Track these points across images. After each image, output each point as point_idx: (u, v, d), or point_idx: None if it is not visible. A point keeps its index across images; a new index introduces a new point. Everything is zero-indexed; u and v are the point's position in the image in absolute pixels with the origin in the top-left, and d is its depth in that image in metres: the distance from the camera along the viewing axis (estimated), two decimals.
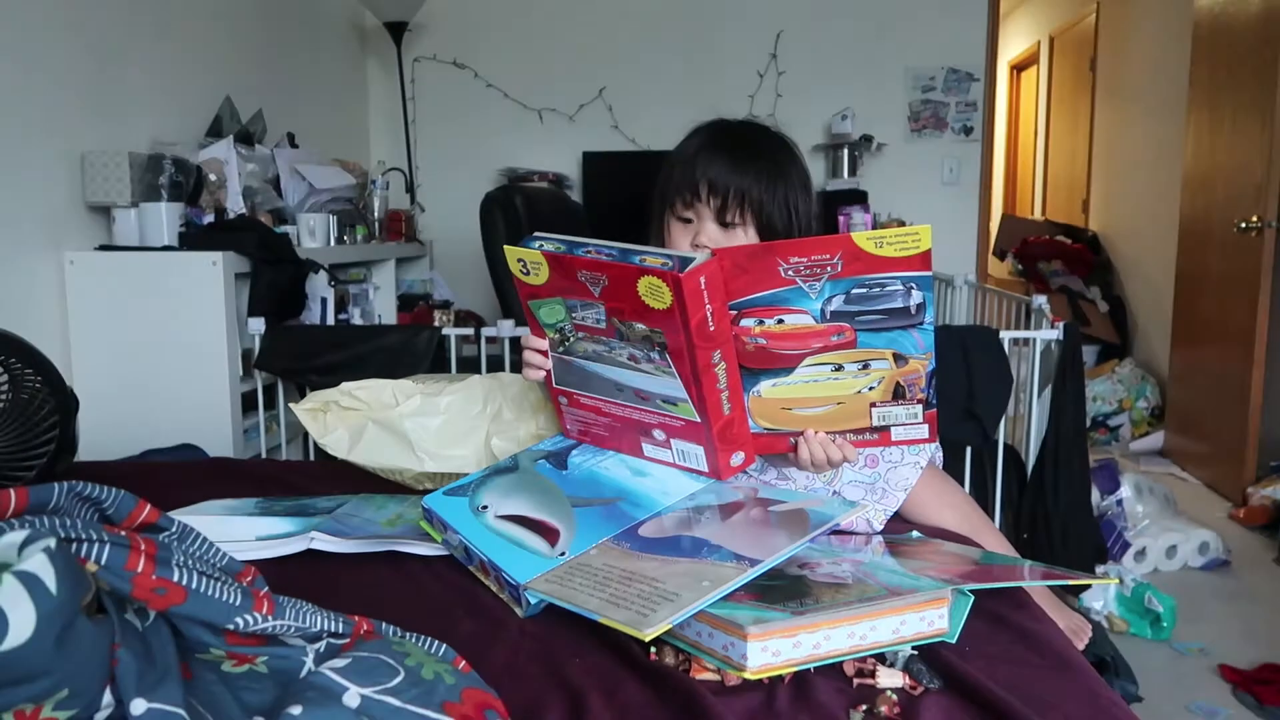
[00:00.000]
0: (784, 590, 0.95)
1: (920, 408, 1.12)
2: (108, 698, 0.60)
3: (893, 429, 1.15)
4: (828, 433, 1.16)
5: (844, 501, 1.11)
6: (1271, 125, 3.06)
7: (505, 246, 1.16)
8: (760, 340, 1.10)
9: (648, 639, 0.84)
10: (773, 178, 1.25)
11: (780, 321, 1.09)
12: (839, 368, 1.11)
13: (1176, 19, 3.99)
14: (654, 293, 1.04)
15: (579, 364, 1.20)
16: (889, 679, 0.88)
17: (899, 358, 1.09)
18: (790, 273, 1.06)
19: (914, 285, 1.05)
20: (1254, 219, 3.13)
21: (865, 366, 1.11)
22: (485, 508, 1.15)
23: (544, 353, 1.23)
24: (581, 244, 1.12)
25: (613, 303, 1.09)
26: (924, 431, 1.14)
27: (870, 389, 1.12)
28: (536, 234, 1.17)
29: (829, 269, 1.05)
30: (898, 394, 1.12)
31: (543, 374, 1.24)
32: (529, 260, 1.14)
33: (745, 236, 1.26)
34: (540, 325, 1.21)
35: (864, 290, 1.06)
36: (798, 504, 1.08)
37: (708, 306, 1.05)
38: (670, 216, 1.30)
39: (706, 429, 1.13)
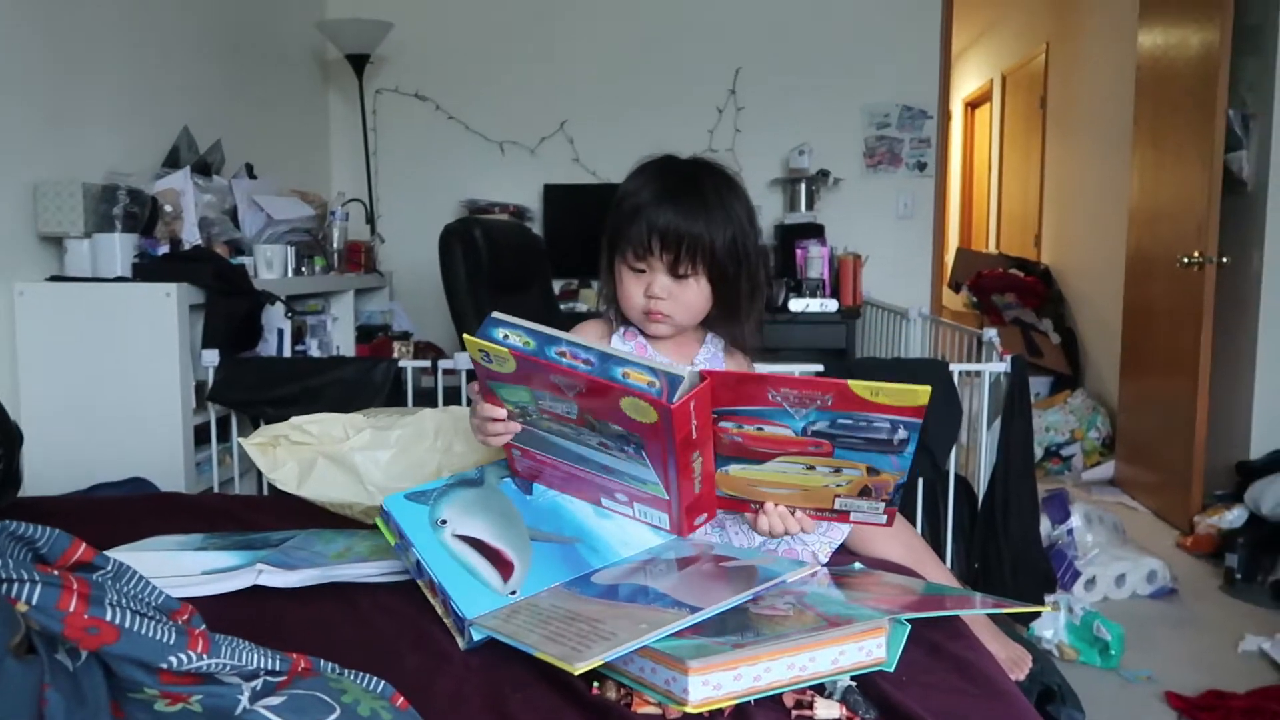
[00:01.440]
0: (725, 623, 0.96)
1: (883, 504, 1.13)
2: None
3: (852, 513, 1.15)
4: (787, 506, 1.16)
5: (794, 562, 1.12)
6: (1211, 163, 3.16)
7: (465, 336, 1.08)
8: (737, 439, 1.09)
9: (578, 672, 0.84)
10: (723, 224, 1.25)
11: (760, 430, 1.07)
12: (811, 467, 1.10)
13: (1121, 59, 4.13)
14: (639, 410, 1.01)
15: (540, 434, 1.14)
16: (826, 710, 0.90)
17: (872, 470, 1.09)
18: (778, 398, 1.04)
19: (901, 426, 1.03)
20: (1196, 254, 3.22)
21: (837, 471, 1.10)
22: (444, 522, 1.13)
23: (501, 420, 1.16)
24: (552, 339, 1.05)
25: (588, 404, 1.04)
26: (882, 520, 1.15)
27: (839, 486, 1.12)
28: (498, 318, 1.09)
29: (818, 402, 1.03)
30: (863, 493, 1.12)
31: (504, 440, 1.17)
32: (493, 353, 1.06)
33: (697, 285, 1.27)
34: (499, 399, 1.14)
35: (850, 421, 1.04)
36: (749, 561, 1.09)
37: (693, 423, 1.03)
38: (622, 265, 1.29)
39: (674, 503, 1.13)
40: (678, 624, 0.92)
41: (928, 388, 1.01)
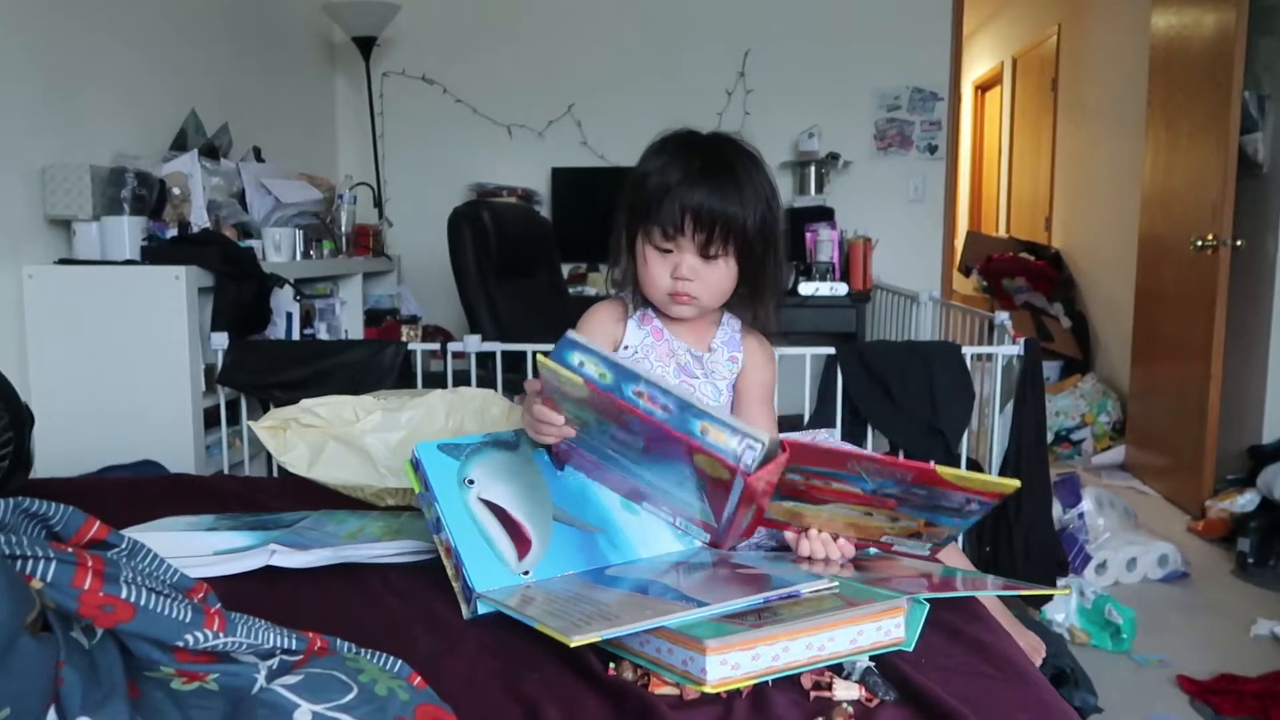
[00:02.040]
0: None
1: (930, 545, 1.11)
2: (52, 716, 0.59)
3: (895, 546, 1.14)
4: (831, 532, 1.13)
5: (809, 574, 1.10)
6: (1226, 144, 3.13)
7: (540, 358, 1.02)
8: (800, 487, 1.05)
9: (572, 645, 0.83)
10: (754, 203, 1.22)
11: (828, 484, 1.04)
12: (869, 513, 1.07)
13: (1134, 40, 4.08)
14: (712, 467, 0.98)
15: (595, 445, 1.10)
16: (845, 691, 0.89)
17: (930, 524, 1.07)
18: (857, 469, 0.99)
19: (975, 501, 1.00)
20: (1210, 237, 3.19)
21: (895, 520, 1.07)
22: (472, 482, 1.11)
23: (557, 425, 1.10)
24: (630, 375, 1.00)
25: (657, 447, 1.01)
26: (926, 554, 1.14)
27: (891, 527, 1.10)
28: (575, 340, 1.03)
29: (897, 478, 0.99)
30: (913, 535, 1.10)
31: (554, 441, 1.12)
32: (565, 380, 1.01)
33: (726, 266, 1.24)
34: (558, 406, 1.08)
35: (924, 493, 1.01)
36: (766, 570, 1.07)
37: (763, 485, 1.00)
38: (646, 244, 1.25)
39: (720, 530, 1.11)
40: (683, 615, 0.90)
41: (1017, 482, 0.98)
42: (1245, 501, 3.03)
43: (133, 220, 2.34)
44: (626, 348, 1.33)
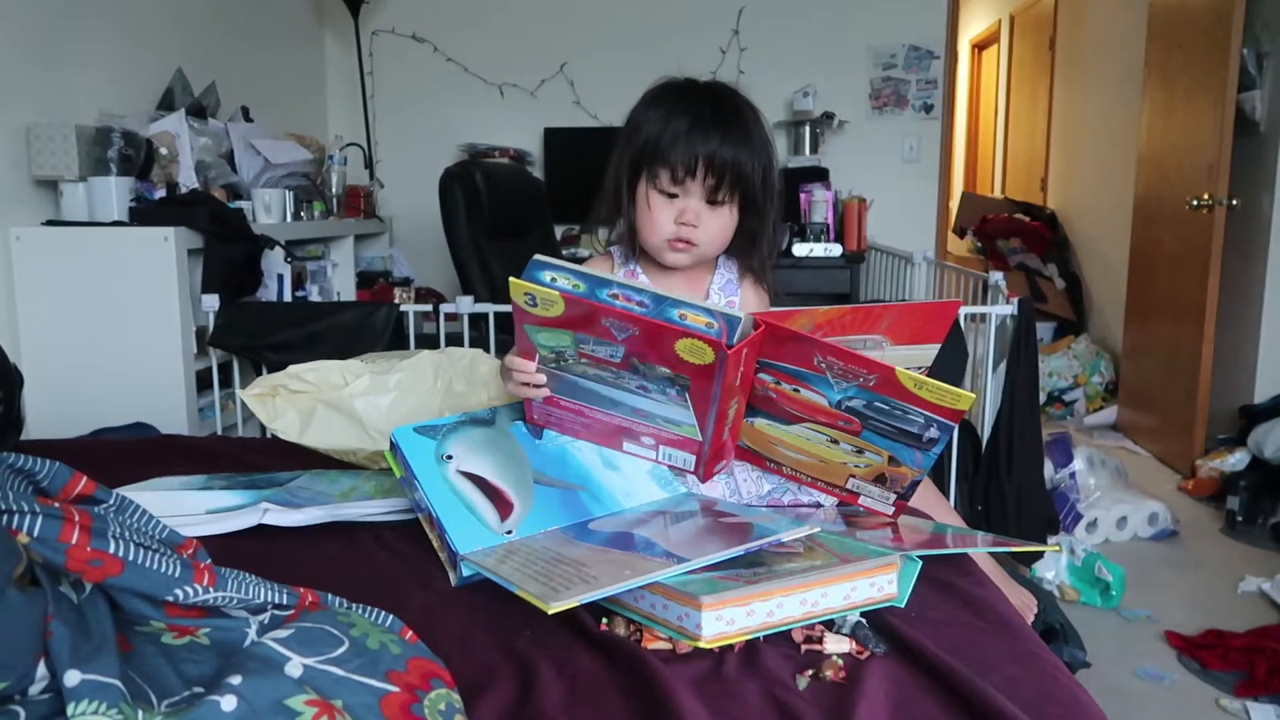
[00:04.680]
0: (737, 559, 0.96)
1: (894, 496, 1.13)
2: (41, 670, 0.59)
3: (862, 497, 1.16)
4: (800, 474, 1.17)
5: (793, 521, 1.09)
6: (1223, 104, 3.11)
7: (511, 279, 1.02)
8: (771, 394, 1.09)
9: (551, 611, 0.84)
10: (760, 151, 1.24)
11: (796, 391, 1.07)
12: (835, 441, 1.11)
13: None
14: (694, 352, 1.00)
15: (572, 379, 1.12)
16: (836, 645, 0.90)
17: (894, 460, 1.09)
18: (823, 365, 1.03)
19: (935, 424, 1.03)
20: (1205, 196, 3.18)
21: (860, 452, 1.10)
22: (450, 457, 1.12)
23: (528, 374, 1.13)
24: (602, 282, 1.02)
25: (637, 347, 1.03)
26: (889, 511, 1.16)
27: (856, 467, 1.12)
28: (543, 260, 1.04)
29: (860, 379, 1.02)
30: (878, 479, 1.12)
31: (528, 393, 1.14)
32: (540, 296, 1.02)
33: (729, 213, 1.25)
34: (534, 346, 1.10)
35: (885, 406, 1.04)
36: (748, 518, 1.08)
37: (742, 369, 1.03)
38: (650, 188, 1.25)
39: (704, 445, 1.12)
40: (662, 573, 0.90)
41: (973, 395, 1.00)
42: (1235, 461, 3.04)
43: (120, 181, 2.31)
44: None
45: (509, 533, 1.06)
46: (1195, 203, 3.21)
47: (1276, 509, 2.77)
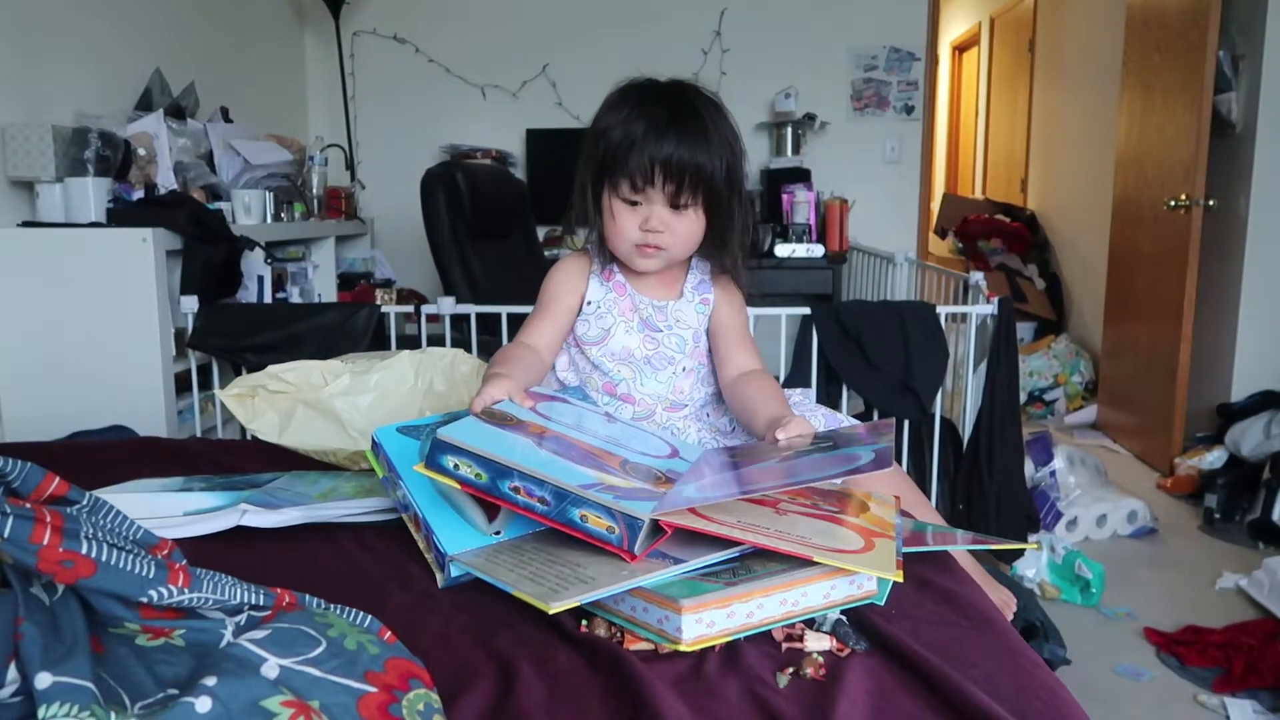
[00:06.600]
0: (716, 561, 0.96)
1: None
2: (12, 673, 0.58)
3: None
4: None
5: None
6: (1200, 106, 3.13)
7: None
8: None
9: (552, 612, 0.83)
10: (720, 151, 1.22)
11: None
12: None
13: (1111, 2, 4.07)
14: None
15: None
16: (816, 642, 0.90)
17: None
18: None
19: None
20: (1183, 197, 3.21)
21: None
22: None
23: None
24: (504, 472, 0.97)
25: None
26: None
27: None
28: (445, 442, 0.98)
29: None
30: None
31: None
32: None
33: (695, 216, 1.24)
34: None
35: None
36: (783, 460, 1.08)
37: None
38: (613, 197, 1.24)
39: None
40: (659, 575, 0.91)
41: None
42: (1213, 459, 3.07)
43: (97, 181, 2.29)
44: (589, 303, 1.33)
45: (497, 533, 1.05)
46: (1173, 203, 3.24)
47: (1254, 506, 2.80)
